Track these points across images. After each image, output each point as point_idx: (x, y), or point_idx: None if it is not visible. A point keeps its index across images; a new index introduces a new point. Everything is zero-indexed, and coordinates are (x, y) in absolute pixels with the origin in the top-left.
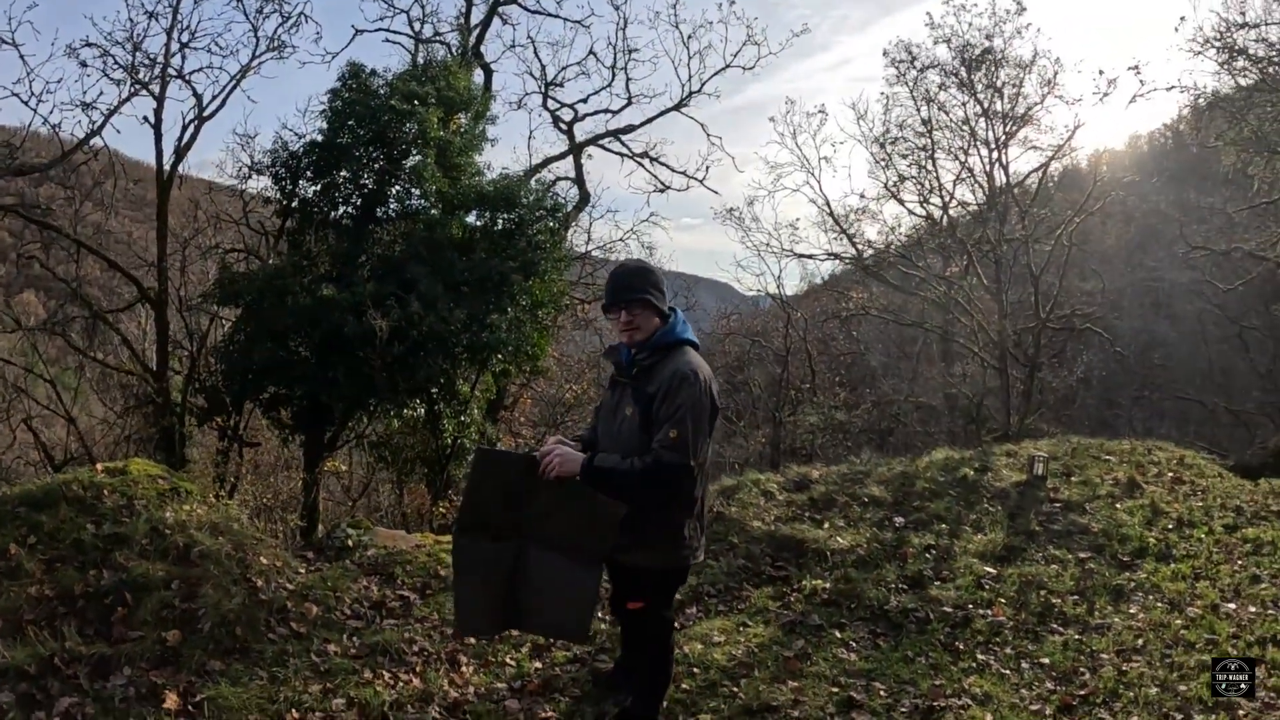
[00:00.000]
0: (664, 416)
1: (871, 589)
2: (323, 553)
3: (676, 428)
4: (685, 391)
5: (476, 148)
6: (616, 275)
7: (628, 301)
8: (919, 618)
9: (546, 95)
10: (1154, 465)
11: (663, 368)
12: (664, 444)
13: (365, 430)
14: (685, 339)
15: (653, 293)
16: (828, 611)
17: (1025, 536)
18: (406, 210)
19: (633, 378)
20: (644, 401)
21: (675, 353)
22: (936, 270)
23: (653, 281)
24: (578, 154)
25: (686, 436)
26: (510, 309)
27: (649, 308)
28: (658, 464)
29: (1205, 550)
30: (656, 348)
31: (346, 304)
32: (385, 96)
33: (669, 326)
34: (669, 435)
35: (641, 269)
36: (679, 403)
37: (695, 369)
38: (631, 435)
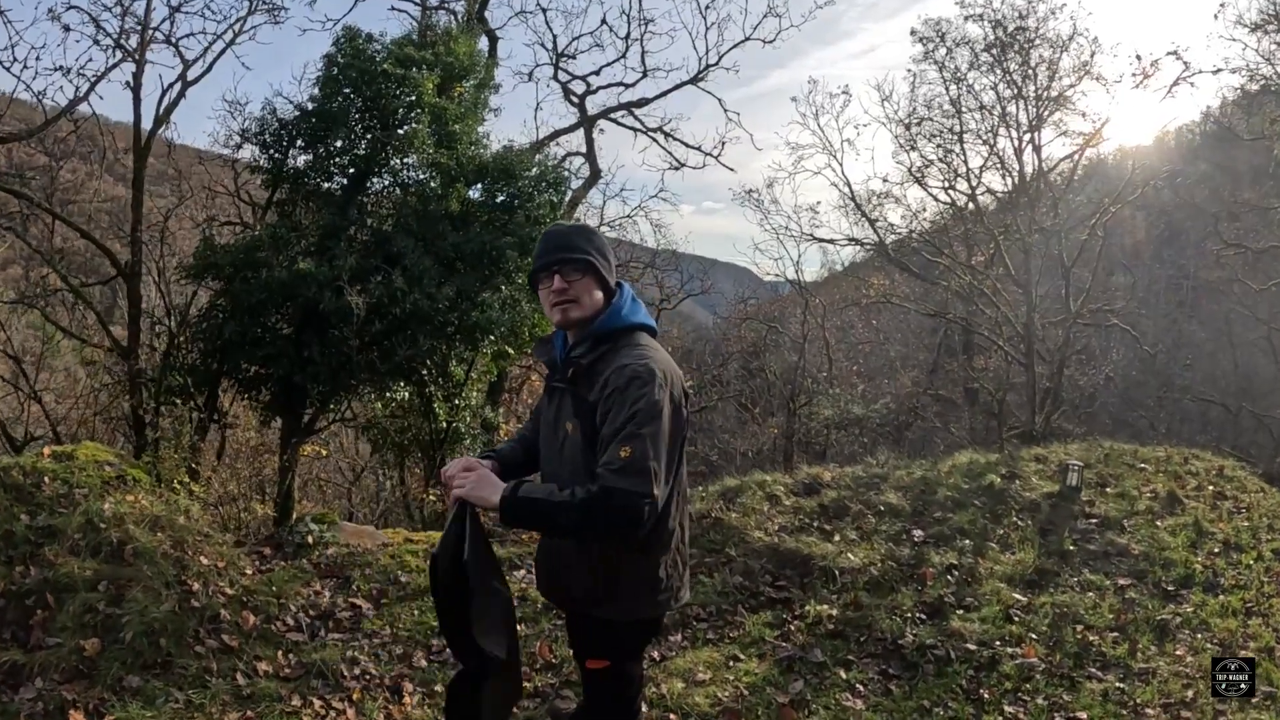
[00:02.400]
0: (612, 430)
1: (885, 618)
2: (280, 549)
3: (628, 444)
4: (637, 394)
5: (476, 116)
6: (549, 233)
7: (560, 263)
8: (938, 656)
9: (557, 66)
10: (1192, 477)
11: (607, 365)
12: (613, 466)
13: (345, 413)
14: (637, 323)
15: (595, 255)
16: (833, 645)
17: (1058, 558)
18: (400, 181)
19: (569, 380)
20: (586, 413)
21: (623, 343)
22: (961, 259)
23: (596, 244)
24: (589, 128)
25: (643, 455)
26: (505, 287)
27: (591, 274)
28: (606, 494)
29: (1255, 580)
30: (597, 338)
31: (324, 278)
32: (380, 61)
33: (614, 308)
34: (618, 455)
35: (582, 228)
36: (630, 410)
37: (650, 363)
38: (575, 457)
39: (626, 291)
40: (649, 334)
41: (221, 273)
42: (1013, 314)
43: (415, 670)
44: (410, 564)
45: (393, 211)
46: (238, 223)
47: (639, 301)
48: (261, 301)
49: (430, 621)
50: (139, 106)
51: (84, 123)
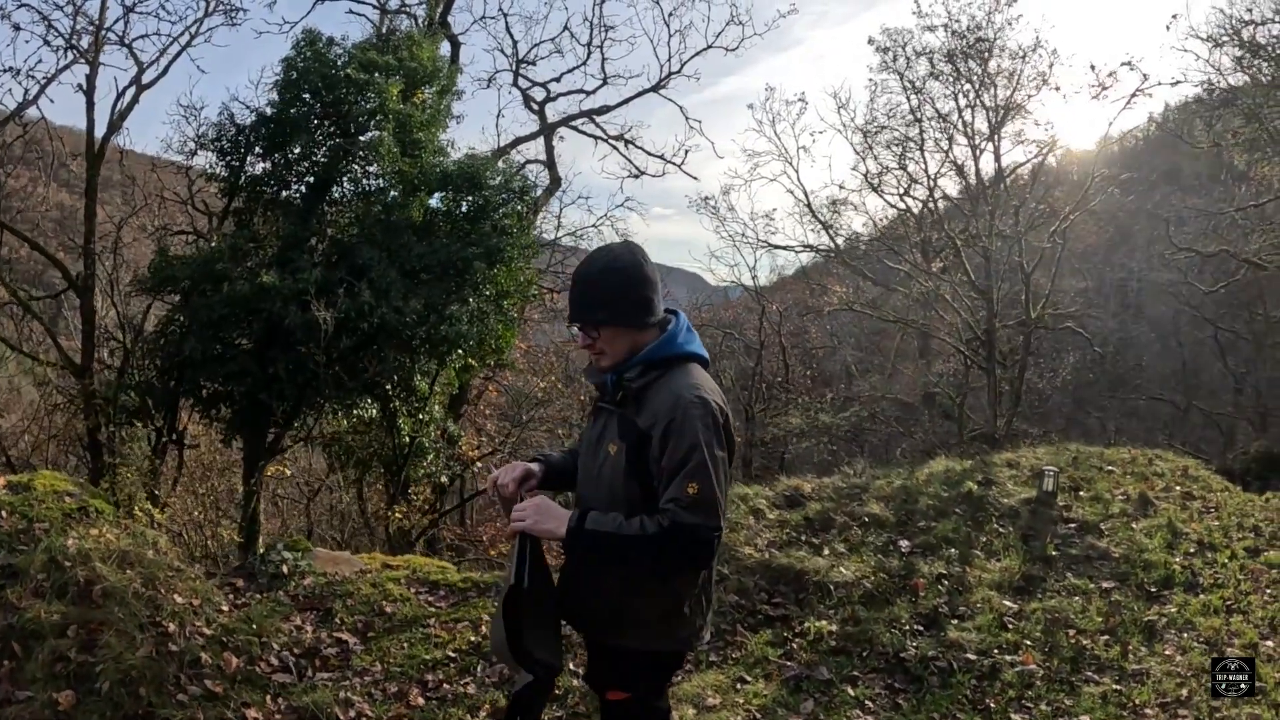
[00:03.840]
0: (674, 464)
1: (884, 632)
2: (253, 580)
3: (694, 479)
4: (695, 425)
5: (440, 124)
6: (573, 282)
7: (580, 321)
8: (941, 668)
9: (517, 73)
10: (1159, 478)
11: (659, 392)
12: (682, 503)
13: (313, 431)
14: (690, 353)
15: (606, 310)
16: (837, 662)
17: (1043, 563)
18: (362, 190)
19: (618, 402)
20: (633, 437)
21: (676, 371)
22: (918, 265)
23: (611, 293)
24: (549, 135)
25: (709, 489)
26: (473, 299)
27: (611, 326)
28: (677, 530)
29: (1232, 578)
30: (649, 365)
31: (289, 292)
32: (342, 66)
33: (668, 336)
34: (686, 491)
35: (606, 271)
36: (691, 442)
37: (702, 392)
38: (614, 480)
39: (682, 321)
40: (701, 365)
41: (179, 286)
42: (973, 319)
43: (414, 710)
44: (393, 593)
45: (354, 221)
46: (191, 232)
47: (694, 332)
48: (223, 316)
49: (423, 655)
50: (92, 110)
51: (33, 127)
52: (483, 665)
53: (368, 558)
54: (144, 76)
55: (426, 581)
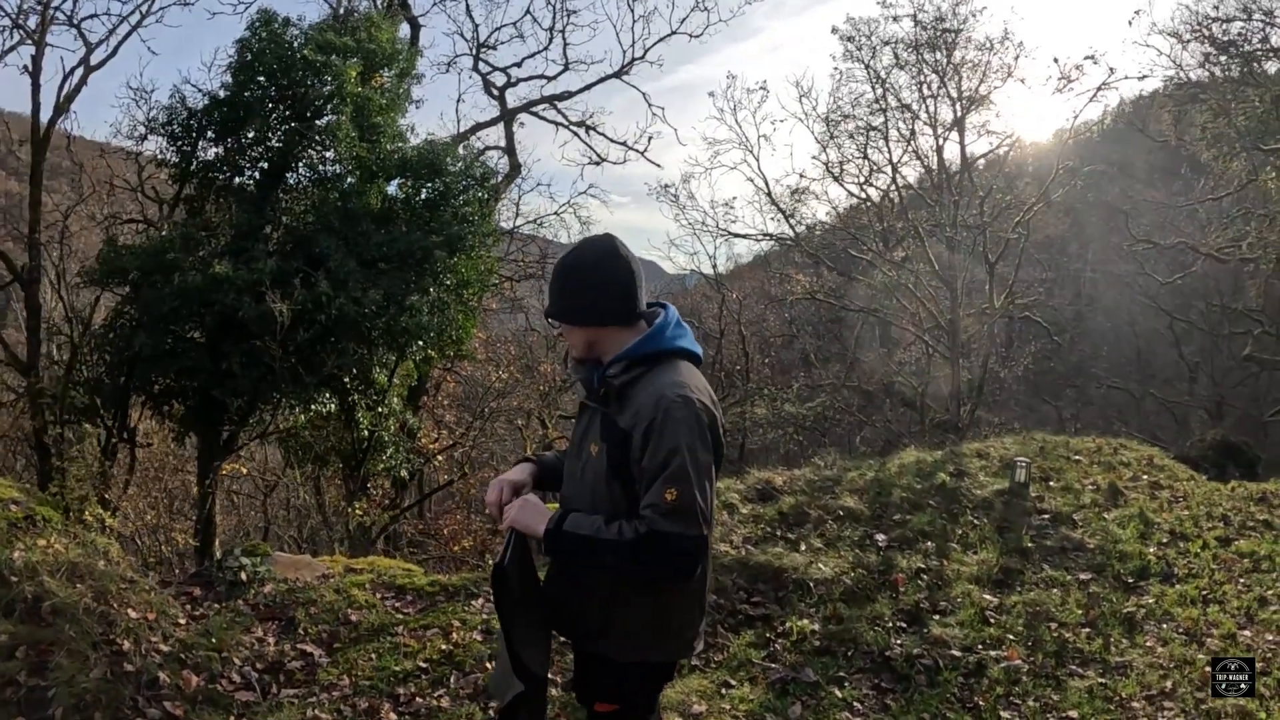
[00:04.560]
0: (654, 467)
1: (868, 630)
2: (211, 588)
3: (674, 484)
4: (677, 426)
5: (399, 108)
6: (553, 273)
7: (549, 315)
8: (927, 666)
9: (478, 58)
10: (1126, 467)
11: (642, 390)
12: (660, 510)
13: (269, 427)
14: (679, 348)
15: (571, 306)
16: (822, 662)
17: (1019, 555)
18: (319, 177)
19: (600, 399)
20: (615, 438)
21: (663, 368)
22: (880, 253)
23: (571, 288)
24: (509, 121)
25: (689, 495)
26: (433, 289)
27: (574, 324)
28: (654, 538)
29: (1206, 567)
30: (633, 360)
31: (243, 283)
32: (298, 47)
33: (655, 330)
34: (664, 497)
35: (565, 266)
36: (672, 445)
37: (687, 390)
38: (596, 481)
39: (670, 314)
40: (692, 361)
41: (128, 277)
42: (936, 308)
43: None
44: (358, 599)
45: (311, 209)
46: (141, 220)
47: (685, 326)
48: (174, 309)
49: (393, 666)
50: (38, 93)
51: None
52: (456, 676)
53: (329, 561)
54: (92, 57)
55: (392, 586)
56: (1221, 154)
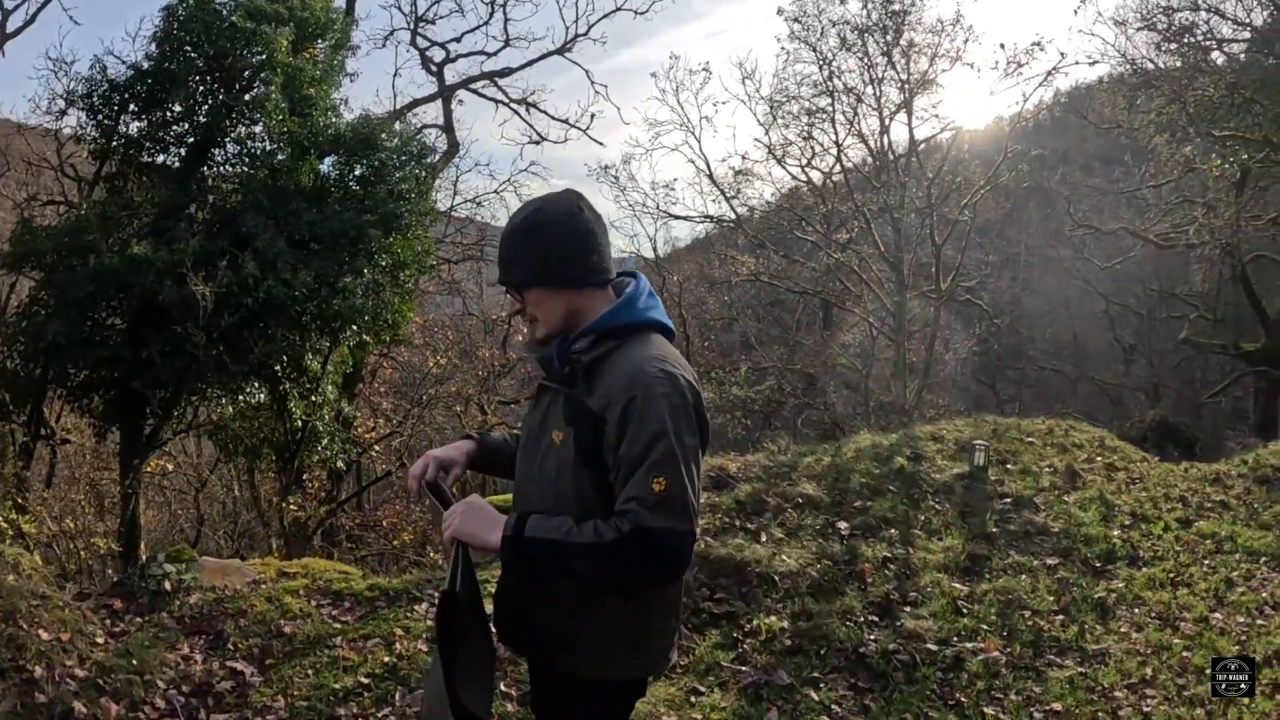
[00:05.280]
0: (634, 455)
1: (839, 625)
2: (133, 599)
3: (661, 472)
4: (660, 406)
5: (332, 80)
6: (500, 242)
7: (505, 283)
8: (903, 662)
9: (416, 32)
10: (1079, 449)
11: (615, 366)
12: (646, 502)
13: (195, 420)
14: (652, 320)
15: (531, 267)
16: (795, 663)
17: (984, 541)
18: (247, 153)
19: (564, 378)
20: (583, 422)
21: (635, 342)
22: (827, 235)
23: (545, 245)
24: (447, 98)
25: (679, 485)
26: (367, 270)
27: (539, 286)
28: (641, 535)
29: (1170, 550)
30: (602, 334)
31: (163, 264)
32: (227, 14)
33: (626, 299)
34: (651, 488)
35: (529, 223)
36: (656, 428)
37: (668, 365)
38: (560, 474)
39: (642, 284)
40: (664, 335)
41: (43, 260)
42: (882, 291)
43: None
44: (292, 607)
45: (239, 187)
46: (62, 201)
47: (656, 297)
48: (90, 294)
49: (332, 683)
50: None
51: None
52: (401, 693)
53: (260, 564)
54: (8, 25)
55: (329, 592)
56: (1175, 139)
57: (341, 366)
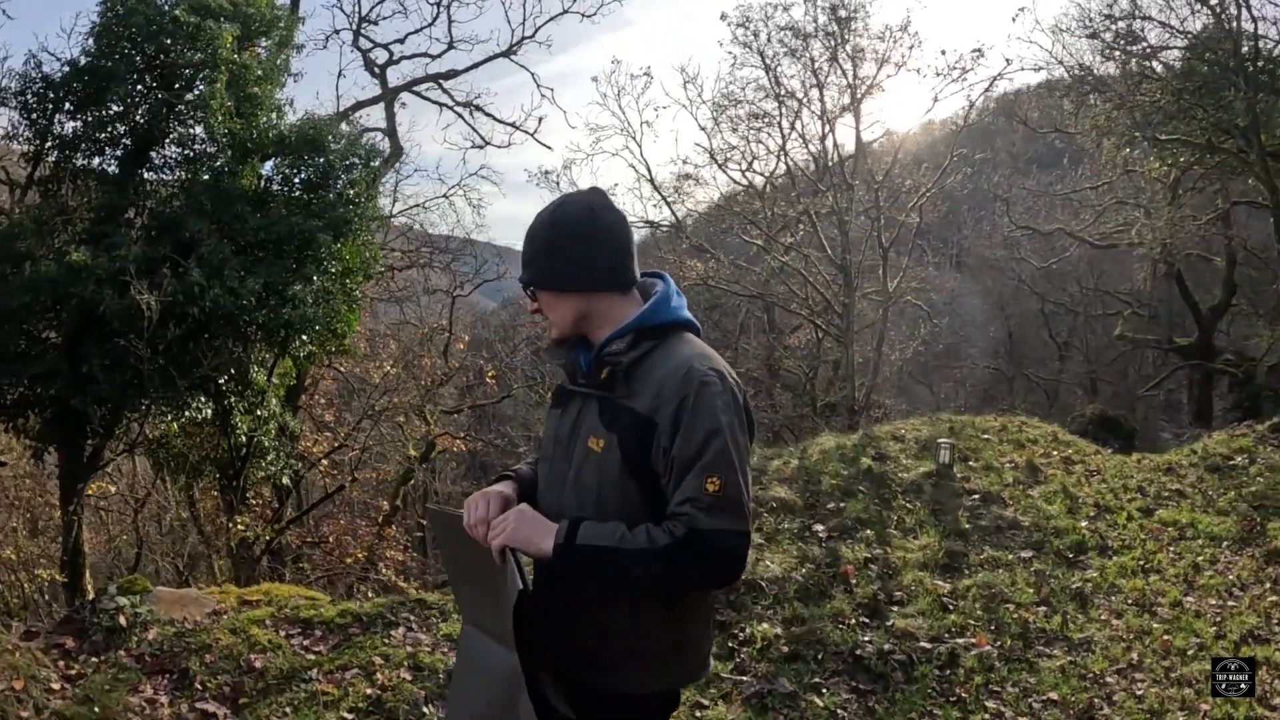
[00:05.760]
0: (688, 455)
1: (832, 629)
2: (86, 636)
3: (716, 472)
4: (714, 404)
5: (276, 80)
6: (532, 234)
7: (526, 283)
8: (900, 662)
9: (359, 32)
10: (1034, 444)
11: (659, 366)
12: (701, 503)
13: (138, 439)
14: (685, 319)
15: (554, 267)
16: (794, 669)
17: (959, 538)
18: (188, 155)
19: (603, 381)
20: (627, 425)
21: (674, 341)
22: (771, 238)
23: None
24: (390, 101)
25: (735, 485)
26: (317, 277)
27: (550, 289)
28: (698, 538)
29: (1136, 538)
30: (640, 333)
31: (104, 273)
32: (170, 8)
33: (660, 298)
34: (705, 488)
35: (543, 224)
36: (710, 426)
37: (715, 364)
38: (602, 483)
39: (670, 284)
40: (694, 333)
41: None
42: (829, 293)
43: None
44: (260, 639)
45: (180, 190)
46: None
47: (683, 296)
48: (25, 304)
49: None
50: None
51: None
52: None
53: (218, 592)
54: None
55: (297, 620)
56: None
57: (285, 379)
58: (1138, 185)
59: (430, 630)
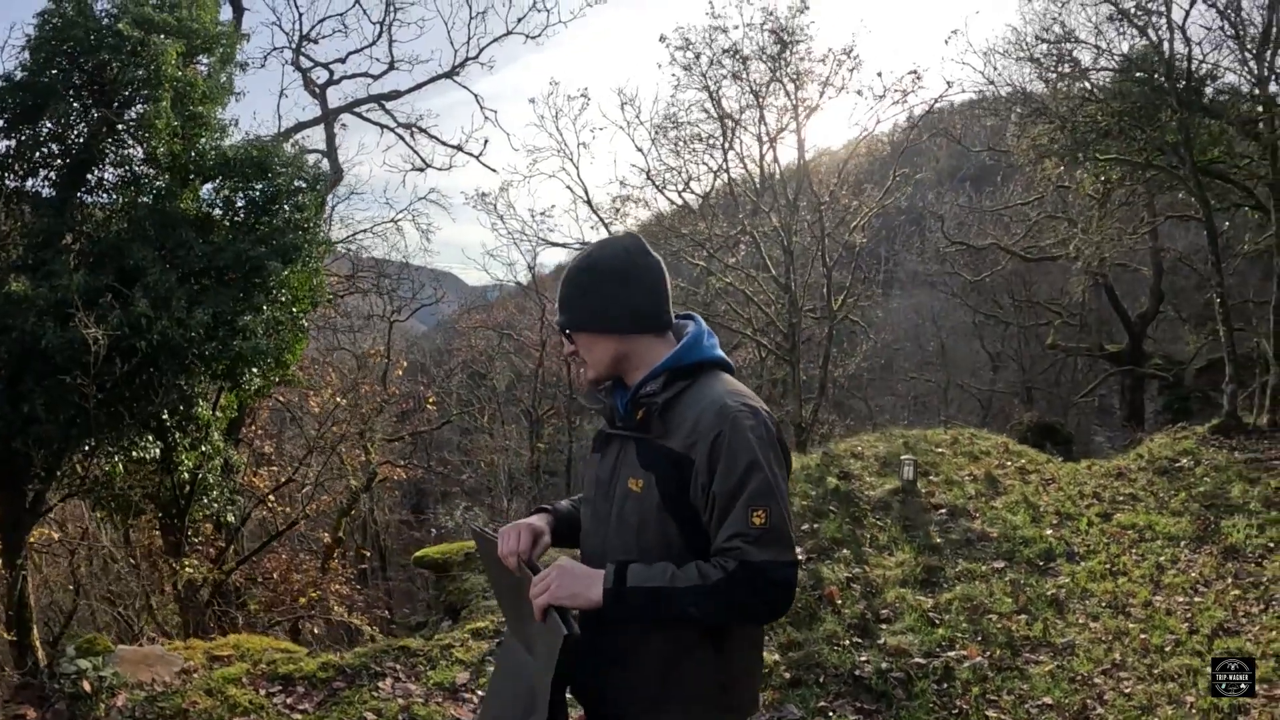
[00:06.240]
0: (728, 489)
1: (829, 651)
2: (47, 704)
3: (760, 505)
4: (749, 439)
5: (220, 99)
6: (569, 277)
7: (564, 325)
8: (899, 679)
9: (299, 51)
10: (987, 455)
11: (693, 405)
12: (749, 537)
13: (83, 481)
14: (717, 358)
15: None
16: (799, 695)
17: (933, 553)
18: (128, 177)
19: (639, 423)
20: (664, 464)
21: (707, 379)
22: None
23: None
24: (330, 122)
25: (779, 517)
26: (267, 307)
27: (586, 331)
28: (750, 571)
29: (1100, 544)
30: (674, 373)
31: (45, 303)
32: (112, 21)
33: (693, 338)
34: (752, 521)
35: (579, 268)
36: (749, 460)
37: (748, 399)
38: (642, 522)
39: (701, 324)
40: (728, 372)
41: None
42: (774, 312)
43: None
44: (239, 700)
45: (121, 213)
46: None
47: (715, 336)
48: None
49: None
50: None
51: None
52: None
53: (183, 649)
54: None
55: (275, 676)
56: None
57: (227, 411)
58: (1066, 200)
59: (420, 680)
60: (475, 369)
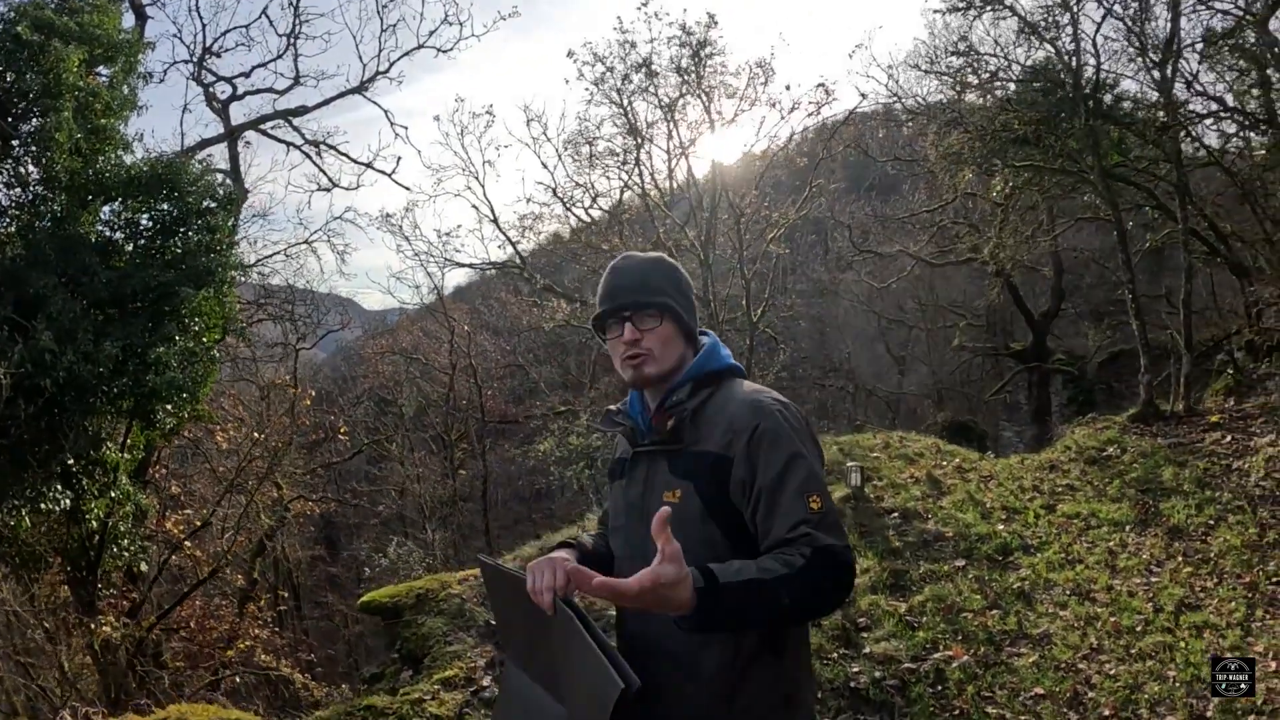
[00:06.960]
0: (773, 480)
1: (819, 666)
2: None
3: (812, 491)
4: (787, 431)
5: (124, 112)
6: (618, 269)
7: (634, 307)
8: (894, 686)
9: (201, 65)
10: (922, 457)
11: (723, 407)
12: (813, 522)
13: None
14: (735, 365)
15: (675, 298)
16: None
17: (894, 556)
18: (24, 199)
19: (670, 434)
20: (700, 469)
21: (730, 384)
22: None
23: (677, 283)
24: (234, 139)
25: (829, 501)
26: (180, 337)
27: (670, 319)
28: (822, 556)
29: (1051, 535)
30: (698, 381)
31: None
32: (8, 25)
33: (711, 348)
34: (809, 507)
35: (659, 261)
36: (790, 450)
37: (776, 396)
38: (687, 532)
39: (713, 335)
40: (743, 378)
41: None
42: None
43: None
44: None
45: (18, 236)
46: None
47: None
48: None
49: None
50: None
51: None
52: None
53: None
54: None
55: None
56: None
57: (135, 452)
58: (968, 207)
59: None
60: (382, 395)
